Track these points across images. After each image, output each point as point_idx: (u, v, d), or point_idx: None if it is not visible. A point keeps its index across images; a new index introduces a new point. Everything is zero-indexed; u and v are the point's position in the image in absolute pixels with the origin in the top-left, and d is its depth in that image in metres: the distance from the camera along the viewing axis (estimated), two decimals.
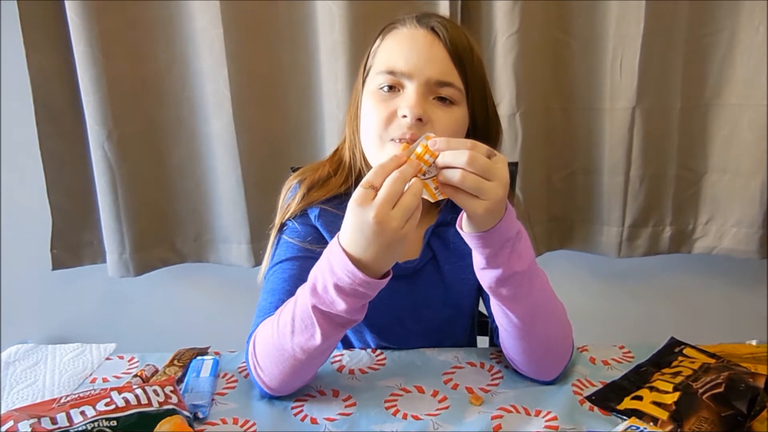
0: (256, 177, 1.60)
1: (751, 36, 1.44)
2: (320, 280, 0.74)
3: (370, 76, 0.89)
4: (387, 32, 0.90)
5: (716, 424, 0.72)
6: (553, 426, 0.76)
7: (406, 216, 0.68)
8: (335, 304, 0.73)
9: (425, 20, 0.87)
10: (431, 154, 0.71)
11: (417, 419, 0.78)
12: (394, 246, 0.70)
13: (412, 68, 0.84)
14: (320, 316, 0.74)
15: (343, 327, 0.77)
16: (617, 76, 1.50)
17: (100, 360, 0.95)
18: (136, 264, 1.66)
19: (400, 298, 0.98)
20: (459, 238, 0.85)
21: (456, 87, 0.86)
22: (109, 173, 1.58)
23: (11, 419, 0.69)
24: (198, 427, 0.78)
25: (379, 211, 0.67)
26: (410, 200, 0.68)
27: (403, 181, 0.68)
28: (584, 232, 1.66)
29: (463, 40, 0.87)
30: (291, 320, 0.77)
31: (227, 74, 1.51)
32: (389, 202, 0.67)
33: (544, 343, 0.84)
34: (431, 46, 0.85)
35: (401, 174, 0.68)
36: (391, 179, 0.68)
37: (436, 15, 0.89)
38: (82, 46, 1.48)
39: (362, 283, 0.71)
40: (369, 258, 0.70)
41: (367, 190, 0.69)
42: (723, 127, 1.53)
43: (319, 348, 0.76)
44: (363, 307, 0.76)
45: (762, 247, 1.55)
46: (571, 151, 1.61)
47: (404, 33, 0.87)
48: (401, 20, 0.89)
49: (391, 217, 0.67)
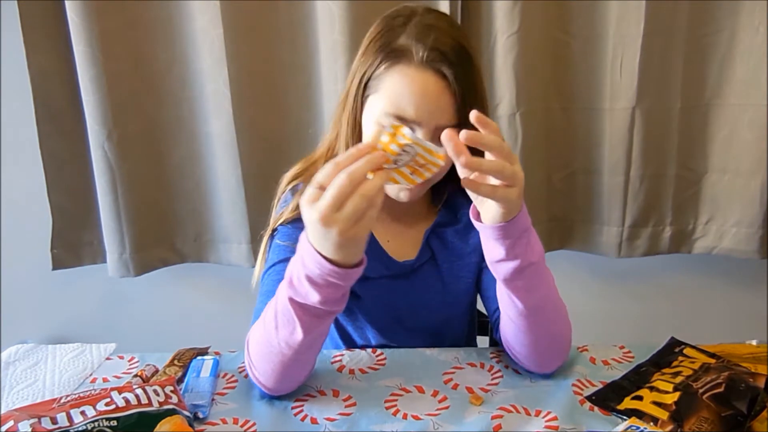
0: (256, 177, 1.60)
1: (751, 36, 1.44)
2: (295, 273, 0.74)
3: (372, 101, 0.86)
4: (393, 63, 0.83)
5: (716, 424, 0.72)
6: (553, 426, 0.76)
7: (352, 218, 0.65)
8: (309, 296, 0.73)
9: (432, 58, 0.81)
10: (397, 143, 0.68)
11: (417, 419, 0.78)
12: (346, 246, 0.68)
13: (421, 117, 0.82)
14: (298, 308, 0.74)
15: (321, 318, 0.76)
16: (617, 76, 1.50)
17: (100, 360, 0.95)
18: (136, 264, 1.66)
19: (399, 297, 0.98)
20: (457, 238, 0.86)
21: (460, 124, 0.85)
22: (109, 173, 1.58)
23: (11, 419, 0.69)
24: (198, 427, 0.78)
25: (324, 213, 0.65)
26: (357, 203, 0.64)
27: (351, 183, 0.64)
28: (584, 232, 1.66)
29: (468, 72, 0.84)
30: (274, 315, 0.77)
31: (227, 74, 1.51)
32: (334, 205, 0.64)
33: (548, 335, 0.85)
34: (440, 95, 0.82)
35: (349, 176, 0.64)
36: (337, 181, 0.64)
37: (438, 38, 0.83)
38: (82, 46, 1.48)
39: (331, 273, 0.70)
40: (327, 253, 0.69)
41: (316, 190, 0.66)
42: (723, 127, 1.53)
43: (303, 342, 0.76)
44: (342, 298, 0.76)
45: (762, 247, 1.55)
46: (571, 151, 1.61)
47: (412, 76, 0.82)
48: (407, 51, 0.82)
49: (335, 219, 0.65)
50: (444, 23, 0.86)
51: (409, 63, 0.82)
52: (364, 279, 0.95)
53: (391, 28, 0.85)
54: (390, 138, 0.68)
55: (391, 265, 0.97)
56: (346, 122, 0.90)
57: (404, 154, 0.69)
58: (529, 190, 1.55)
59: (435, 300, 1.00)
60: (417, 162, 0.71)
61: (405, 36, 0.83)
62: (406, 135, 0.69)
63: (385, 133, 0.69)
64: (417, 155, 0.70)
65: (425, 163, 0.72)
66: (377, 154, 0.67)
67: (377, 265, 0.96)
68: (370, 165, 0.66)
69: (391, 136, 0.69)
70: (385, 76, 0.84)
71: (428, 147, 0.70)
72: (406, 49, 0.82)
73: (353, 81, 0.89)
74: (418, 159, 0.71)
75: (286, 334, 0.76)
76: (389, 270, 0.97)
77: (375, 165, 0.66)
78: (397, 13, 0.88)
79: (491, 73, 1.51)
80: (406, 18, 0.86)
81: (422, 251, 0.98)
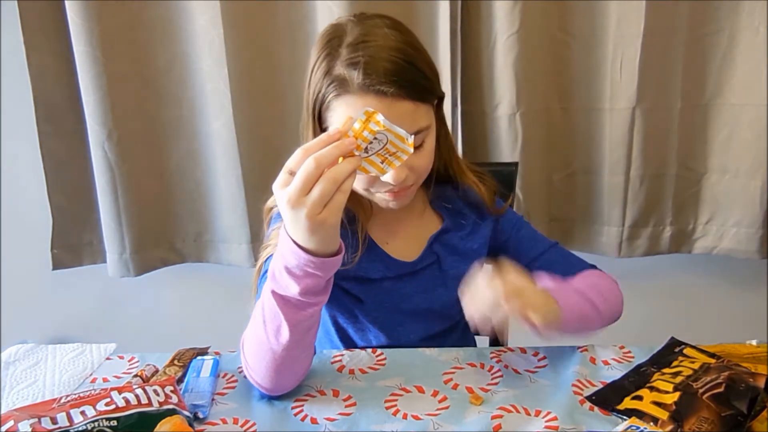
0: (256, 177, 1.60)
1: (751, 36, 1.44)
2: (276, 266, 0.74)
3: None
4: (336, 95, 0.82)
5: (716, 424, 0.72)
6: (553, 426, 0.76)
7: (320, 202, 0.66)
8: (289, 287, 0.73)
9: (369, 83, 0.79)
10: (370, 131, 0.68)
11: (417, 419, 0.78)
12: (316, 231, 0.68)
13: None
14: (280, 301, 0.75)
15: (304, 310, 0.76)
16: (617, 76, 1.50)
17: (100, 360, 0.95)
18: (136, 264, 1.66)
19: (401, 298, 0.98)
20: (463, 241, 0.86)
21: (427, 125, 0.85)
22: (109, 173, 1.58)
23: (11, 419, 0.69)
24: (198, 427, 0.78)
25: (292, 196, 0.66)
26: (324, 186, 0.66)
27: (318, 167, 0.66)
28: (584, 232, 1.66)
29: (408, 67, 0.81)
30: (261, 311, 0.78)
31: (227, 74, 1.51)
32: (302, 188, 0.66)
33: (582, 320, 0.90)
34: (389, 113, 0.72)
35: (316, 160, 0.66)
36: (305, 165, 0.66)
37: (371, 56, 0.80)
38: (82, 46, 1.48)
39: (308, 263, 0.71)
40: (300, 240, 0.70)
41: (286, 175, 0.68)
42: (723, 127, 1.53)
43: (291, 337, 0.76)
44: (323, 290, 0.76)
45: (762, 247, 1.55)
46: (571, 151, 1.61)
47: (356, 105, 0.80)
48: (344, 81, 0.80)
49: (303, 202, 0.66)
50: (377, 35, 0.82)
51: (350, 90, 0.81)
52: (367, 281, 0.95)
53: (327, 54, 0.83)
54: (362, 125, 0.68)
55: (392, 266, 0.97)
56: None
57: (375, 142, 0.70)
58: (529, 190, 1.58)
59: (438, 301, 0.99)
60: (388, 150, 0.71)
61: (339, 63, 0.81)
62: (379, 122, 0.69)
63: (358, 120, 0.69)
64: (389, 143, 0.70)
65: (396, 151, 0.72)
66: (347, 140, 0.68)
67: (378, 266, 0.96)
68: (338, 150, 0.67)
69: (364, 123, 0.68)
70: (334, 107, 0.83)
71: (400, 134, 0.70)
72: (342, 78, 0.81)
73: (307, 111, 0.87)
74: (390, 147, 0.71)
75: (274, 330, 0.77)
76: (391, 271, 0.97)
77: (344, 151, 0.67)
78: (329, 33, 0.85)
79: (491, 73, 1.51)
80: (339, 38, 0.83)
81: (426, 253, 0.98)
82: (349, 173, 0.67)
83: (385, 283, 0.97)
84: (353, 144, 0.68)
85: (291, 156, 0.68)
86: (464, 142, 1.60)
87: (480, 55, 1.51)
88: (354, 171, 0.68)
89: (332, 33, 0.85)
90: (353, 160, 0.68)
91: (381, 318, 0.99)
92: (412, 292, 0.98)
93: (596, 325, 0.93)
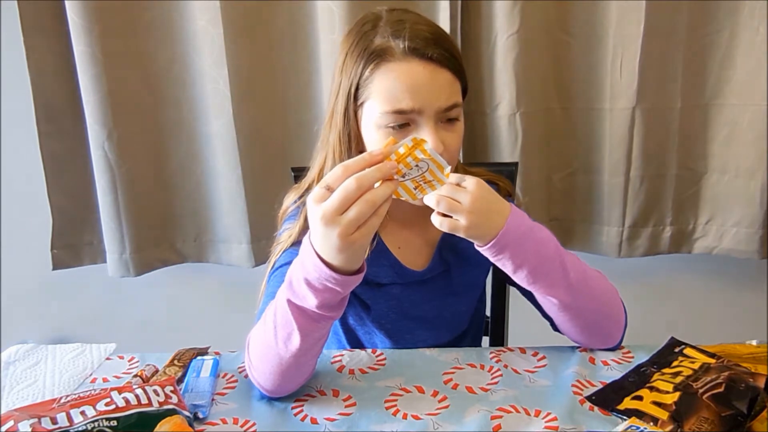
0: (256, 177, 1.60)
1: (751, 36, 1.44)
2: (294, 275, 0.74)
3: (367, 108, 0.85)
4: (377, 65, 0.83)
5: (716, 424, 0.72)
6: (553, 426, 0.76)
7: (355, 223, 0.66)
8: (307, 299, 0.73)
9: (413, 46, 0.81)
10: (414, 157, 0.69)
11: (417, 419, 0.78)
12: (345, 250, 0.68)
13: (420, 105, 0.81)
14: (295, 310, 0.74)
15: (318, 323, 0.76)
16: (617, 76, 1.50)
17: (100, 360, 0.95)
18: (136, 264, 1.66)
19: (411, 305, 0.98)
20: (470, 245, 0.86)
21: (460, 102, 0.85)
22: (109, 173, 1.58)
23: (11, 419, 0.69)
24: (198, 427, 0.78)
25: (326, 213, 0.66)
26: (362, 208, 0.65)
27: (358, 189, 0.65)
28: (584, 232, 1.66)
29: (447, 40, 0.85)
30: (273, 315, 0.77)
31: (227, 74, 1.51)
32: (339, 208, 0.65)
33: (594, 313, 0.88)
34: (433, 78, 0.81)
35: (357, 180, 0.65)
36: (346, 185, 0.65)
37: (412, 27, 0.83)
38: (82, 46, 1.48)
39: (329, 278, 0.70)
40: (327, 256, 0.69)
41: (323, 191, 0.67)
42: (723, 127, 1.53)
43: (301, 346, 0.76)
44: (340, 304, 0.76)
45: (762, 247, 1.55)
46: (571, 151, 1.61)
47: (399, 69, 0.82)
48: (387, 48, 0.82)
49: (338, 221, 0.66)
50: (412, 14, 0.87)
51: (393, 58, 0.82)
52: (376, 286, 0.95)
53: (364, 34, 0.85)
54: (407, 150, 0.69)
55: (402, 273, 0.97)
56: (337, 140, 0.89)
57: (415, 169, 0.70)
58: (529, 190, 1.58)
59: (447, 310, 0.99)
60: (424, 178, 0.73)
61: (379, 36, 0.83)
62: (426, 150, 0.70)
63: (403, 145, 0.69)
64: (428, 170, 0.72)
65: (432, 180, 0.73)
66: (389, 164, 0.68)
67: (389, 271, 0.96)
68: (380, 174, 0.67)
69: (410, 149, 0.69)
70: (373, 78, 0.83)
71: (441, 163, 0.72)
72: (385, 47, 0.82)
73: (339, 97, 0.88)
74: (427, 175, 0.72)
75: (284, 336, 0.76)
76: (401, 278, 0.97)
77: (385, 174, 0.67)
78: (364, 20, 0.88)
79: (491, 73, 1.51)
80: (374, 22, 0.86)
81: (435, 262, 0.98)
82: (386, 198, 0.67)
83: (394, 290, 0.97)
84: (394, 168, 0.68)
85: (330, 172, 0.67)
86: (464, 142, 1.60)
87: (480, 55, 1.51)
88: (391, 195, 0.68)
89: (366, 19, 0.87)
90: (391, 184, 0.68)
91: (388, 324, 0.99)
92: (421, 300, 0.98)
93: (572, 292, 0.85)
